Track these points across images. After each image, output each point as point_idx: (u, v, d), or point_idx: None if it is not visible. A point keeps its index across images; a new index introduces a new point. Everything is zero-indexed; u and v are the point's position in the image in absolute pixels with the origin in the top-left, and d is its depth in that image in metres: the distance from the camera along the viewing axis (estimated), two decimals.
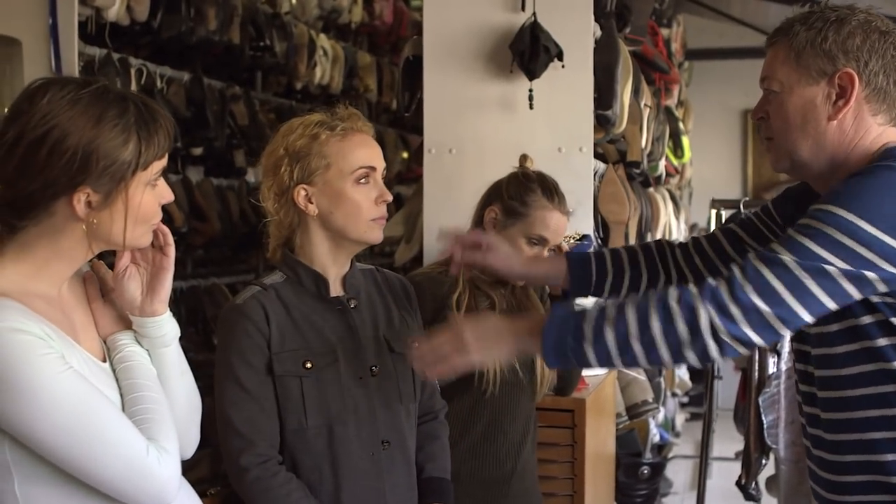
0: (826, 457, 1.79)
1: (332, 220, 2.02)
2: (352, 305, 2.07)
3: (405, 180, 6.69)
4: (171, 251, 1.68)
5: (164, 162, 1.61)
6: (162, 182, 1.64)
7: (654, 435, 4.67)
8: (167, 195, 1.64)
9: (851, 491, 1.75)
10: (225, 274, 5.20)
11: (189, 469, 1.96)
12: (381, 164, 2.06)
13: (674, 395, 5.88)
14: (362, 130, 2.06)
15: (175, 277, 1.72)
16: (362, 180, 2.02)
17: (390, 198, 2.05)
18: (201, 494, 1.91)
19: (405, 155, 6.62)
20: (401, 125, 6.74)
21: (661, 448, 4.93)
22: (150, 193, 1.61)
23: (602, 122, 3.41)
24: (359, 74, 6.20)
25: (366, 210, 2.02)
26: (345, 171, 2.01)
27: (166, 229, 1.69)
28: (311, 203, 2.02)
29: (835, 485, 1.78)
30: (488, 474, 2.51)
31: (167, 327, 1.69)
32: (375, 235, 2.05)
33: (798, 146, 1.76)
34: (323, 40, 5.76)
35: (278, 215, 2.06)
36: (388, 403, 2.06)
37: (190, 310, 4.66)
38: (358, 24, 6.16)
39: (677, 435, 6.04)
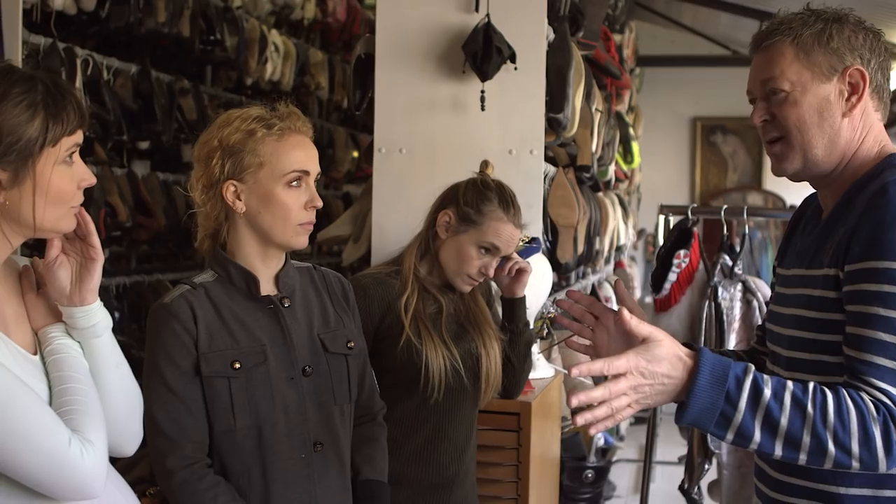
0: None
1: (258, 220, 1.98)
2: (285, 305, 2.02)
3: (355, 179, 6.66)
4: (95, 241, 1.66)
5: (76, 139, 1.59)
6: (80, 163, 1.62)
7: (599, 439, 4.68)
8: (87, 177, 1.62)
9: (792, 493, 1.76)
10: (170, 270, 5.13)
11: (129, 468, 1.92)
12: (315, 169, 2.01)
13: None
14: (300, 131, 2.00)
15: (118, 273, 1.69)
16: (294, 183, 1.97)
17: (320, 203, 2.00)
18: (141, 494, 1.87)
19: (355, 154, 6.59)
20: (352, 124, 6.72)
21: (605, 452, 4.94)
22: (64, 173, 1.58)
23: (553, 125, 3.41)
24: (310, 71, 6.17)
25: (294, 214, 1.97)
26: (277, 173, 1.96)
27: (88, 218, 1.66)
28: (240, 200, 1.97)
29: (779, 483, 1.79)
30: (431, 479, 2.49)
31: (97, 317, 1.66)
32: (301, 241, 2.01)
33: (814, 144, 1.78)
34: (275, 36, 5.72)
35: (205, 207, 2.01)
36: (322, 404, 2.02)
37: (133, 306, 4.58)
38: (310, 21, 6.13)
39: (622, 439, 6.07)
